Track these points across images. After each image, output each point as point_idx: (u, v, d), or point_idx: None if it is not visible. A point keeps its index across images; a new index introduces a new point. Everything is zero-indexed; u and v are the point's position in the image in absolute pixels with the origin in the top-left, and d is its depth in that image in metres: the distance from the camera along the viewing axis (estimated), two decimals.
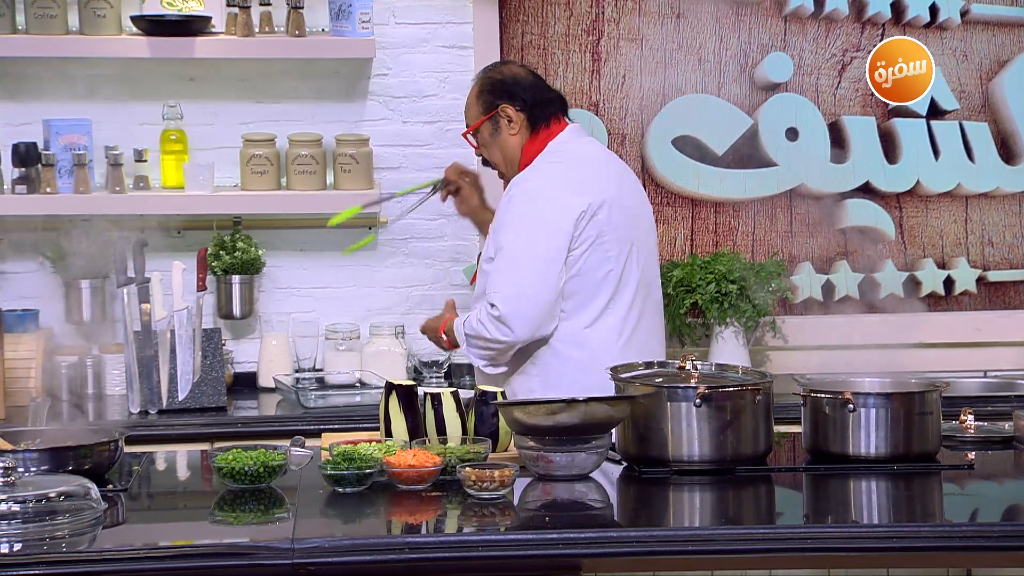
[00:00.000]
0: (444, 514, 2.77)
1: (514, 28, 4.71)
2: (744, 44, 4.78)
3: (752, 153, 4.80)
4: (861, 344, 4.73)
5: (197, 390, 4.20)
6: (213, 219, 4.55)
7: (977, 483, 2.96)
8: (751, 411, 2.97)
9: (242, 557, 2.51)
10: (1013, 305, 4.87)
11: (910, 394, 3.02)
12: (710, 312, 4.53)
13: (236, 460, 2.87)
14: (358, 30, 4.41)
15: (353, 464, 2.83)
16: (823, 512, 2.89)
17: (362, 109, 4.66)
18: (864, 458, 2.98)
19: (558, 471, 2.90)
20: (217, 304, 4.55)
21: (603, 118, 4.75)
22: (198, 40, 4.39)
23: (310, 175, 4.50)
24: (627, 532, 2.62)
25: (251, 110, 4.59)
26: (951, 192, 4.86)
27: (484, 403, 3.06)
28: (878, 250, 4.85)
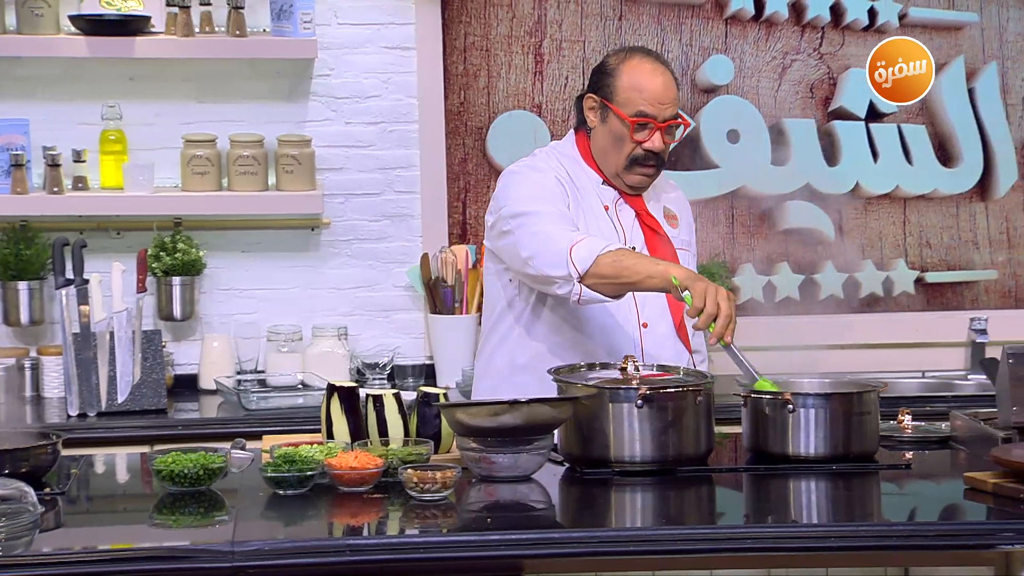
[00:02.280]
0: (386, 516, 2.76)
1: (457, 29, 4.71)
2: (685, 46, 4.80)
3: (694, 155, 4.82)
4: (801, 345, 4.76)
5: (137, 392, 4.17)
6: (153, 220, 4.52)
7: (914, 483, 2.99)
8: (692, 412, 2.98)
9: (181, 560, 2.49)
10: (951, 306, 4.93)
11: (849, 394, 3.04)
12: None
13: (176, 463, 2.84)
14: (300, 30, 4.40)
15: (294, 466, 2.82)
16: (763, 512, 2.90)
17: (304, 110, 4.64)
18: (804, 458, 3.00)
19: (500, 472, 2.90)
20: (157, 306, 4.52)
21: (545, 119, 4.76)
22: (137, 40, 4.35)
23: (252, 176, 4.47)
24: (569, 533, 2.62)
25: (192, 110, 4.57)
26: (890, 194, 4.91)
27: (426, 405, 3.06)
28: (818, 252, 4.89)
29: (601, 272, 3.13)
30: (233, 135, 4.49)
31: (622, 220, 3.41)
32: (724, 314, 3.02)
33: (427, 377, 4.58)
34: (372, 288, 4.70)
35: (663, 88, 3.33)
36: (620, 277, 3.12)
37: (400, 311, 4.71)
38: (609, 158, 3.38)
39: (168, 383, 4.37)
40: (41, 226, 4.45)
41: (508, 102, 4.75)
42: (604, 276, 3.13)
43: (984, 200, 4.94)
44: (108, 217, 4.50)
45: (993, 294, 4.95)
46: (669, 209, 3.52)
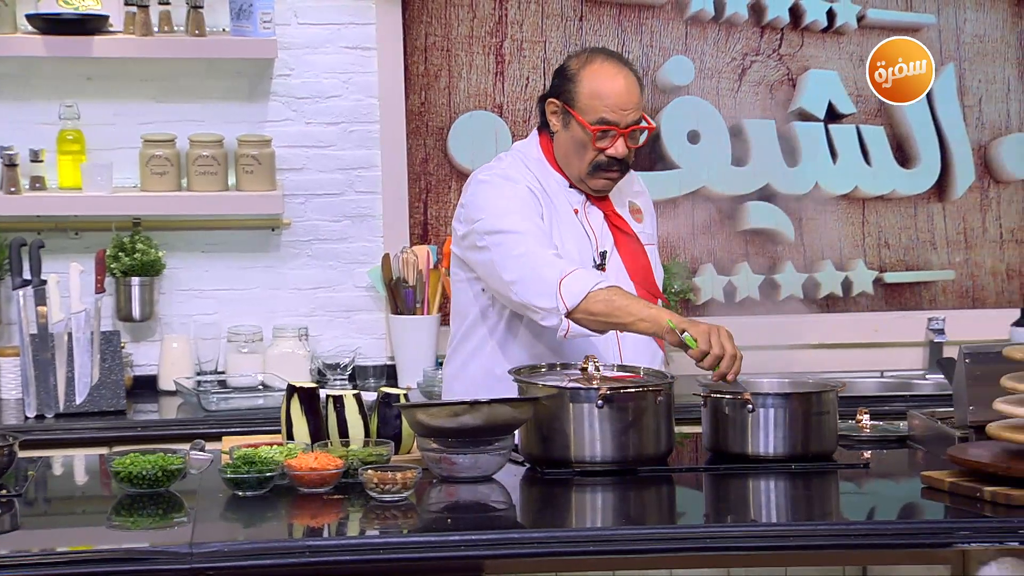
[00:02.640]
0: (346, 517, 2.75)
1: (417, 29, 4.71)
2: (646, 47, 4.81)
3: (654, 156, 4.83)
4: (761, 345, 4.78)
5: (95, 393, 4.14)
6: (112, 220, 4.49)
7: (873, 482, 3.01)
8: (653, 412, 2.99)
9: (140, 562, 2.47)
10: (909, 306, 4.96)
11: (808, 394, 3.06)
12: None
13: (134, 464, 2.83)
14: (259, 30, 4.38)
15: (254, 467, 2.81)
16: (723, 511, 2.92)
17: (264, 110, 4.62)
18: (763, 458, 3.01)
19: (461, 473, 2.90)
20: (116, 306, 4.49)
21: (507, 120, 4.76)
22: (96, 39, 4.33)
23: (211, 176, 4.45)
24: (529, 533, 2.62)
25: (151, 110, 4.54)
26: (848, 195, 4.93)
27: (387, 405, 3.05)
28: (778, 252, 4.92)
29: (591, 309, 3.11)
30: (192, 135, 4.47)
31: (591, 223, 3.39)
32: (729, 355, 3.03)
33: (388, 378, 4.57)
34: (333, 288, 4.69)
35: (625, 93, 3.28)
36: (611, 317, 3.11)
37: (361, 311, 4.70)
38: (572, 163, 3.35)
39: (127, 384, 4.35)
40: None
41: (469, 102, 4.74)
42: (594, 314, 3.12)
43: (942, 201, 4.97)
44: (66, 217, 4.47)
45: (950, 294, 4.99)
46: (634, 204, 3.50)
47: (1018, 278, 5.00)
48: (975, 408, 3.03)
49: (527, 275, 3.17)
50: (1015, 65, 4.95)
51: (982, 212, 4.98)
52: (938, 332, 4.81)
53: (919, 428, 3.26)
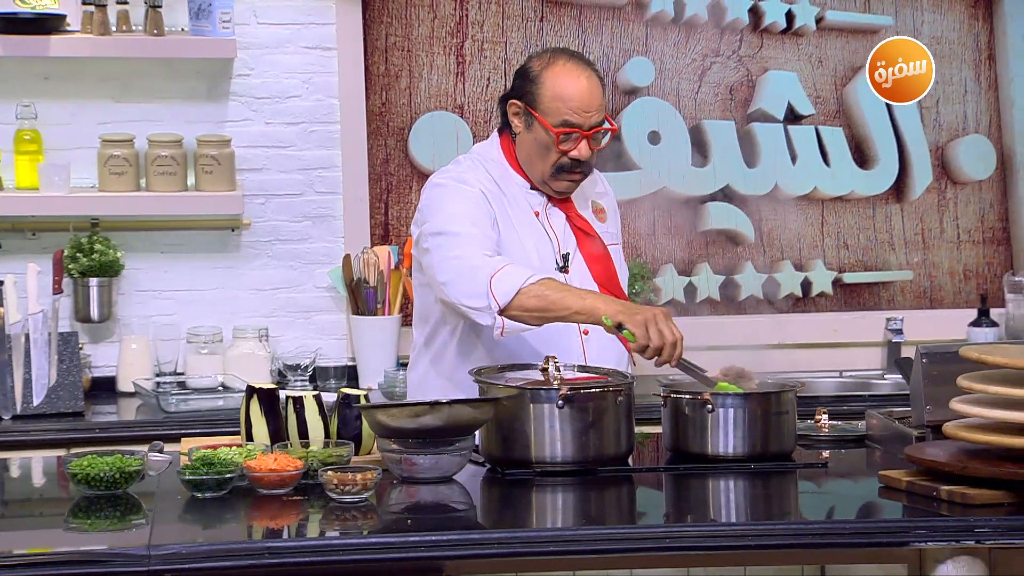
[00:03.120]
0: (306, 518, 2.74)
1: (378, 29, 4.70)
2: (606, 48, 4.82)
3: (615, 156, 4.84)
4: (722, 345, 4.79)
5: (53, 395, 4.11)
6: (70, 220, 4.46)
7: (831, 481, 3.03)
8: (613, 412, 3.00)
9: (97, 564, 2.46)
10: (868, 306, 4.99)
11: (767, 394, 3.07)
12: None
13: (91, 466, 2.81)
14: (219, 30, 4.37)
15: (213, 469, 2.80)
16: (683, 511, 2.93)
17: (224, 110, 4.60)
18: (723, 457, 3.02)
19: (422, 474, 2.90)
20: (74, 307, 4.46)
21: (468, 120, 4.76)
22: (53, 39, 4.30)
23: (170, 176, 4.43)
24: (489, 533, 2.62)
25: (109, 110, 4.52)
26: (808, 195, 4.96)
27: (347, 406, 3.04)
28: (738, 252, 4.94)
29: (525, 305, 3.10)
30: (151, 135, 4.45)
31: (553, 225, 3.37)
32: (670, 342, 3.03)
33: (349, 378, 4.56)
34: (293, 289, 4.68)
35: (588, 95, 3.25)
36: (546, 311, 3.10)
37: (322, 312, 4.69)
38: (535, 165, 3.33)
39: (85, 385, 4.32)
40: None
41: (430, 103, 4.74)
42: (528, 309, 3.10)
43: (900, 202, 5.01)
44: (23, 218, 4.44)
45: (908, 295, 5.02)
46: (597, 204, 3.48)
47: (975, 278, 5.04)
48: (932, 408, 3.05)
49: (458, 276, 3.15)
50: (972, 67, 4.99)
51: (940, 213, 5.02)
52: (896, 332, 4.84)
53: (877, 428, 3.28)
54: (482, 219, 3.25)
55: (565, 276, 3.30)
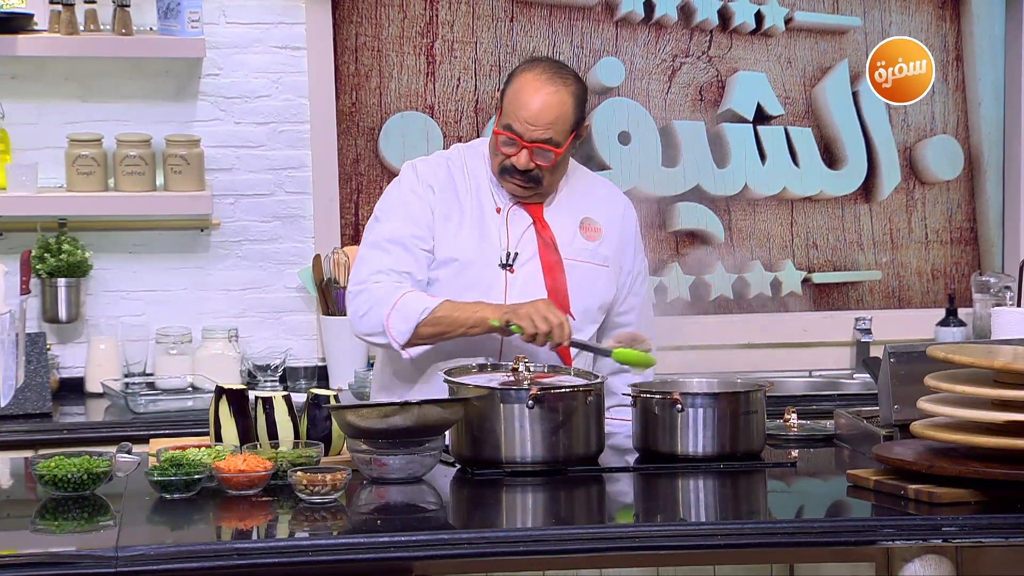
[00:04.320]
0: (275, 519, 2.74)
1: (348, 29, 4.69)
2: (576, 48, 4.83)
3: (585, 156, 4.85)
4: (691, 345, 4.81)
5: (20, 396, 4.08)
6: (37, 221, 4.44)
7: (800, 480, 3.04)
8: (583, 412, 3.00)
9: (65, 566, 2.45)
10: (837, 306, 5.01)
11: (736, 394, 3.08)
12: None
13: (59, 467, 2.80)
14: (187, 29, 4.35)
15: (181, 470, 2.79)
16: (653, 511, 2.93)
17: (193, 109, 4.59)
18: (692, 457, 3.03)
19: (391, 474, 2.89)
20: (42, 308, 4.44)
21: (438, 120, 4.75)
22: (20, 38, 4.27)
23: (139, 176, 4.41)
24: (459, 534, 2.62)
25: (77, 109, 4.49)
26: (777, 196, 4.98)
27: (316, 407, 3.04)
28: (708, 252, 4.95)
29: (423, 334, 3.22)
30: (120, 135, 4.43)
31: (511, 225, 3.36)
32: (555, 324, 3.11)
33: (320, 379, 4.55)
34: (263, 289, 4.66)
35: (538, 110, 3.22)
36: (444, 334, 3.22)
37: (292, 313, 4.68)
38: (491, 160, 3.37)
39: (53, 386, 4.30)
40: None
41: (400, 103, 4.74)
42: (426, 337, 3.23)
43: (868, 202, 5.03)
44: None
45: (877, 294, 5.04)
46: (592, 220, 3.43)
47: (943, 278, 5.07)
48: (900, 407, 3.07)
49: (360, 311, 3.27)
50: (939, 67, 5.01)
51: (908, 213, 5.05)
52: (865, 332, 4.87)
53: (845, 427, 3.29)
54: (410, 226, 3.29)
55: (509, 275, 3.31)
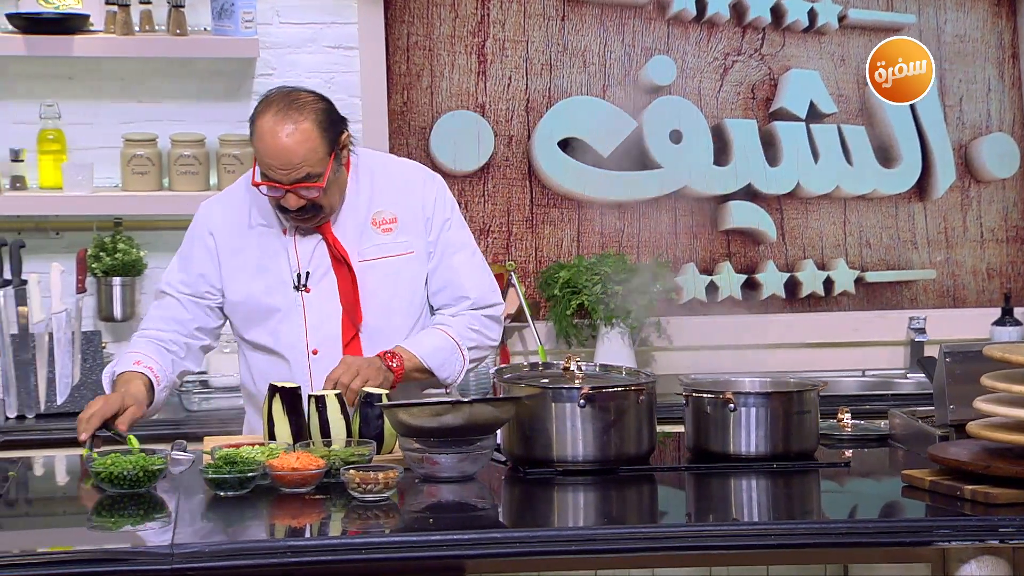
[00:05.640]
0: (328, 517, 2.75)
1: (399, 29, 4.70)
2: (628, 47, 4.82)
3: (637, 155, 4.84)
4: (743, 344, 4.80)
5: (76, 394, 4.13)
6: (93, 220, 4.48)
7: (854, 481, 3.02)
8: (635, 411, 3.00)
9: (121, 563, 2.47)
10: (890, 305, 4.98)
11: (789, 393, 3.06)
12: (596, 313, 4.56)
13: (115, 465, 2.82)
14: (241, 29, 4.38)
15: (235, 467, 2.81)
16: (704, 511, 2.92)
17: (246, 109, 4.55)
18: (744, 457, 3.02)
19: (443, 473, 2.90)
20: (97, 306, 4.48)
21: (489, 120, 4.76)
22: (76, 39, 4.31)
23: (192, 176, 4.45)
24: (511, 533, 2.62)
25: (132, 110, 4.53)
26: (830, 194, 4.95)
27: (369, 405, 3.05)
28: (760, 251, 4.93)
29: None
30: (174, 135, 4.46)
31: (300, 245, 3.27)
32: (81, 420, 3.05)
33: None
34: None
35: (283, 155, 3.10)
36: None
37: None
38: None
39: None
40: None
41: (451, 102, 4.74)
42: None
43: (923, 200, 4.99)
44: (47, 217, 4.46)
45: (931, 293, 5.00)
46: (383, 212, 3.30)
47: (998, 277, 5.02)
48: (955, 407, 3.04)
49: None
50: (995, 65, 4.97)
51: (963, 211, 5.00)
52: (919, 331, 4.82)
53: (900, 427, 3.27)
54: (185, 275, 3.33)
55: (304, 295, 3.26)
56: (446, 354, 3.26)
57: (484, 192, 4.78)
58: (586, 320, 4.64)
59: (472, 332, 3.32)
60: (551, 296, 4.67)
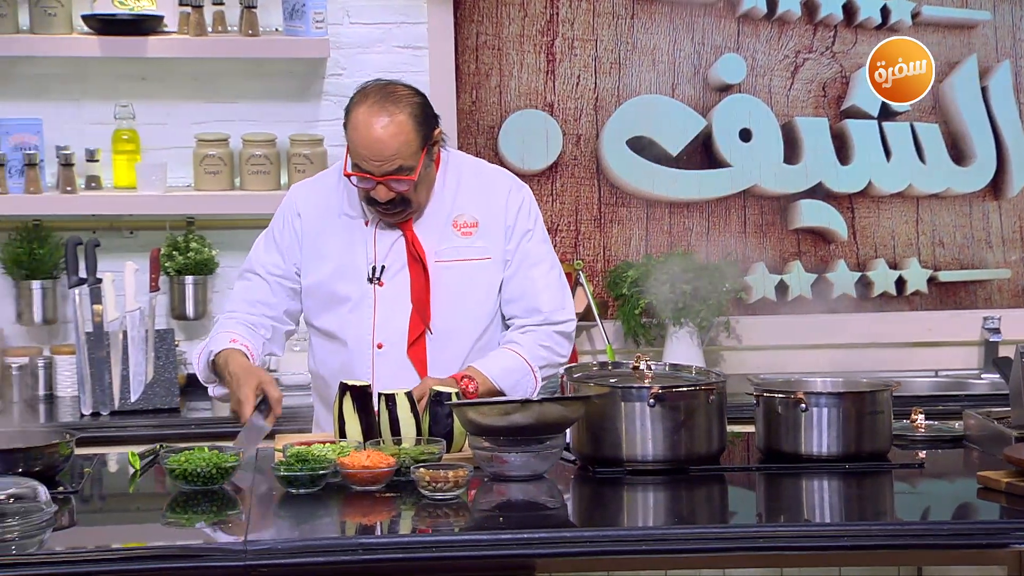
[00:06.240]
0: (398, 515, 2.76)
1: (468, 28, 4.71)
2: (697, 45, 4.80)
3: (706, 154, 4.82)
4: (814, 344, 4.76)
5: (150, 391, 4.18)
6: (166, 219, 4.53)
7: (927, 482, 2.99)
8: (704, 411, 2.98)
9: (194, 559, 2.49)
10: (963, 305, 4.92)
11: (861, 394, 3.04)
12: (664, 312, 4.55)
13: (188, 461, 2.85)
14: (312, 30, 4.40)
15: (307, 465, 2.82)
16: (776, 511, 2.90)
17: (316, 109, 4.64)
18: (816, 457, 3.00)
19: (512, 471, 2.90)
20: (170, 305, 4.52)
21: (557, 119, 4.76)
22: (150, 39, 4.36)
23: (264, 175, 4.48)
24: (581, 532, 2.62)
25: (204, 110, 4.57)
26: (902, 193, 4.90)
27: (438, 403, 3.06)
28: (830, 250, 4.89)
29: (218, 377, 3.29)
30: (245, 135, 4.50)
31: (380, 239, 3.30)
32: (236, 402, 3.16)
33: None
34: None
35: (377, 147, 3.14)
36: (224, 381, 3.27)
37: None
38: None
39: (180, 382, 4.38)
40: (54, 225, 4.46)
41: (520, 101, 4.75)
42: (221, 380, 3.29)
43: (997, 199, 4.92)
44: (121, 216, 4.51)
45: (1006, 293, 4.93)
46: (466, 217, 3.33)
47: None
48: None
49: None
50: None
51: None
52: (993, 331, 4.77)
53: (975, 428, 3.23)
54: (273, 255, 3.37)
55: (377, 288, 3.28)
56: (518, 375, 3.27)
57: (552, 191, 4.78)
58: (654, 319, 4.62)
59: (542, 350, 3.33)
60: (619, 295, 4.66)
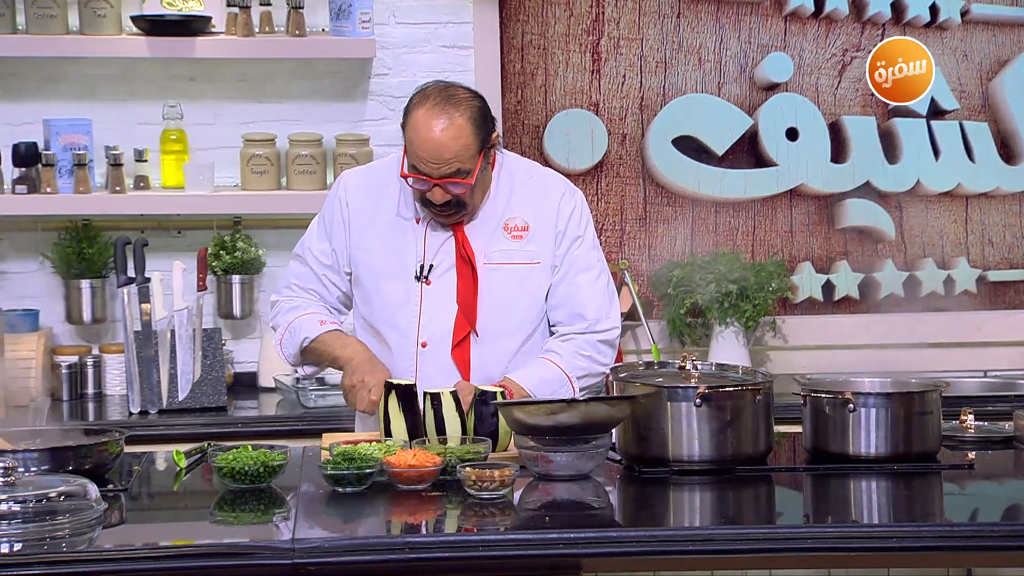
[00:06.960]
0: (444, 514, 2.76)
1: (514, 28, 4.71)
2: (744, 44, 4.78)
3: (752, 153, 4.80)
4: (861, 344, 4.73)
5: (197, 390, 4.20)
6: (213, 219, 4.55)
7: (977, 483, 2.96)
8: (751, 411, 2.97)
9: (242, 557, 2.50)
10: (1013, 305, 4.88)
11: (910, 394, 3.02)
12: (710, 312, 4.53)
13: (236, 460, 2.87)
14: (358, 30, 4.42)
15: (353, 464, 2.83)
16: (823, 512, 2.89)
17: (363, 109, 4.66)
18: (864, 458, 2.98)
19: (558, 471, 2.90)
20: (217, 304, 4.55)
21: (603, 118, 4.75)
22: (198, 40, 4.39)
23: (310, 175, 4.50)
24: (627, 532, 2.62)
25: (251, 110, 4.59)
26: (951, 192, 4.86)
27: (484, 403, 3.06)
28: (878, 250, 4.86)
29: (305, 360, 3.40)
30: (292, 134, 4.52)
31: (430, 237, 3.28)
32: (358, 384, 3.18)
33: None
34: None
35: (436, 149, 3.12)
36: (320, 362, 3.38)
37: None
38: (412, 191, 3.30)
39: (228, 381, 4.40)
40: (103, 225, 4.50)
41: (565, 100, 4.74)
42: (309, 362, 3.40)
43: None
44: (169, 216, 4.54)
45: None
46: (517, 220, 3.30)
47: None
48: None
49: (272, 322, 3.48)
50: None
51: None
52: None
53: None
54: (323, 242, 3.37)
55: (424, 286, 3.27)
56: (555, 386, 3.25)
57: (597, 190, 4.77)
58: (699, 319, 4.61)
59: (582, 359, 3.30)
60: (664, 295, 4.65)
